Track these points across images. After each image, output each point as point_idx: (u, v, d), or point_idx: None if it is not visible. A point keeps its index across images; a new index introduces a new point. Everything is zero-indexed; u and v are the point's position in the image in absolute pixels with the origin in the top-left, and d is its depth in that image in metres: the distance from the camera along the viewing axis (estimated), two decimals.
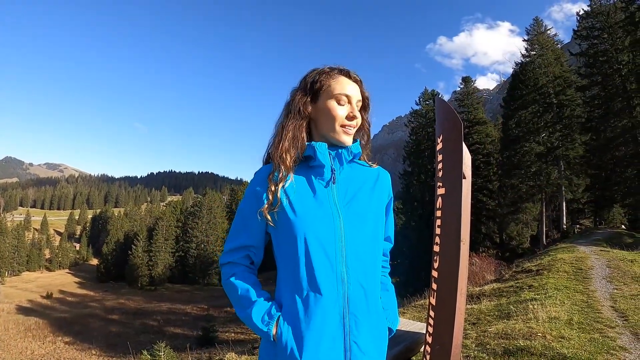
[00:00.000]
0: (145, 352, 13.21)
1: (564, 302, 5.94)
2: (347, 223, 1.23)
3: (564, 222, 30.37)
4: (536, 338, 4.15)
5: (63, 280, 74.49)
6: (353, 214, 1.26)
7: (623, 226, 29.85)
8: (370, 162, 1.43)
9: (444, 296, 2.35)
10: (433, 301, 2.47)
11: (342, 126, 1.30)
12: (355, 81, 1.34)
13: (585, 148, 29.73)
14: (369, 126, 1.42)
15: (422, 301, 8.62)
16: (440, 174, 2.57)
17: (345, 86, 1.30)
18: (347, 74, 1.33)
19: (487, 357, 3.71)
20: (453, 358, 2.26)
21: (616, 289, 7.29)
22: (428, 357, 2.49)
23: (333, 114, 1.29)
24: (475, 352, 3.96)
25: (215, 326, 25.37)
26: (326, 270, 1.19)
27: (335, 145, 1.33)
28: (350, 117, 1.30)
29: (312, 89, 1.32)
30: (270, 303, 1.24)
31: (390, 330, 1.41)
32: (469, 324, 5.28)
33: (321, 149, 1.29)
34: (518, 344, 3.98)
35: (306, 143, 1.31)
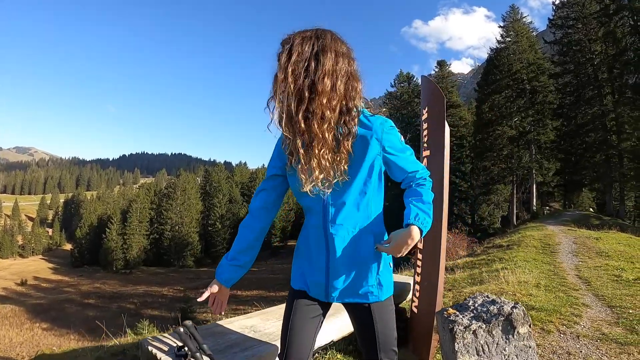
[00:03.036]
0: (129, 332, 13.33)
1: (532, 271, 6.38)
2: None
3: (534, 203, 31.36)
4: (507, 296, 4.54)
5: (37, 267, 72.61)
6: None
7: (591, 209, 31.05)
8: (373, 112, 1.53)
9: (430, 239, 2.74)
10: (420, 245, 2.84)
11: None
12: None
13: (556, 133, 30.69)
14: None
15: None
16: (425, 139, 2.97)
17: None
18: None
19: None
20: (439, 292, 2.64)
21: (581, 261, 7.80)
22: (417, 294, 2.86)
23: None
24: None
25: (192, 307, 25.47)
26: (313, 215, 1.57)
27: None
28: None
29: None
30: None
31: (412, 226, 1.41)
32: (445, 290, 5.61)
33: None
34: None
35: None
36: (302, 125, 1.39)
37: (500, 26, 34.93)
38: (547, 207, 31.82)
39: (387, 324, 1.58)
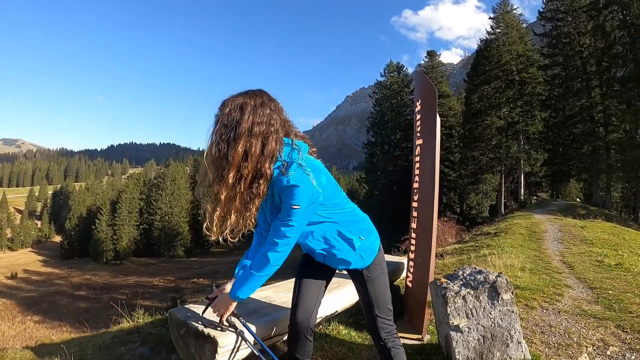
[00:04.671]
0: (125, 320, 13.47)
1: (519, 256, 6.63)
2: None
3: (522, 193, 31.76)
4: None
5: (26, 260, 71.79)
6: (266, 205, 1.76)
7: (578, 199, 31.57)
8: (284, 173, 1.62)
9: (423, 220, 2.99)
10: (414, 226, 3.09)
11: None
12: None
13: (544, 124, 30.97)
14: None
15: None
16: (418, 128, 3.21)
17: None
18: None
19: None
20: (431, 267, 2.90)
21: (566, 248, 8.10)
22: (412, 270, 3.11)
23: None
24: None
25: (184, 296, 25.59)
26: None
27: None
28: None
29: None
30: None
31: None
32: (434, 274, 5.88)
33: None
34: None
35: None
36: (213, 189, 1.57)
37: (490, 17, 35.04)
38: (535, 197, 32.20)
39: (379, 285, 1.90)
